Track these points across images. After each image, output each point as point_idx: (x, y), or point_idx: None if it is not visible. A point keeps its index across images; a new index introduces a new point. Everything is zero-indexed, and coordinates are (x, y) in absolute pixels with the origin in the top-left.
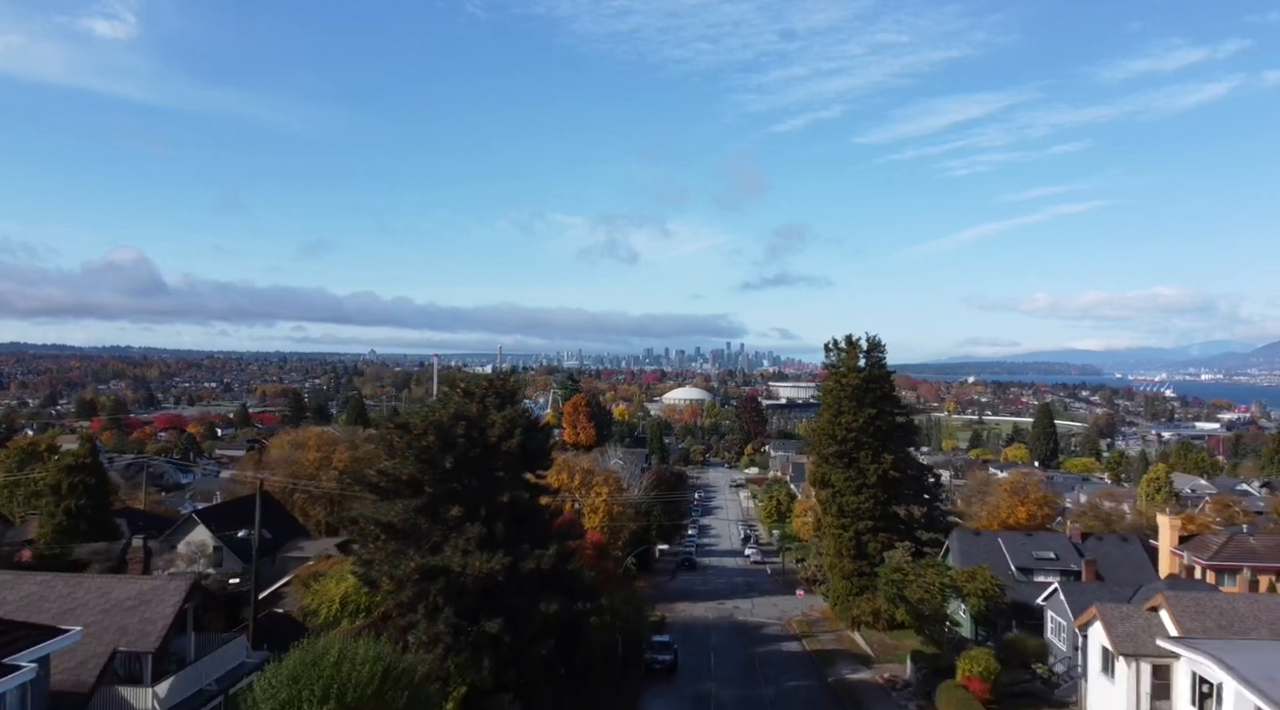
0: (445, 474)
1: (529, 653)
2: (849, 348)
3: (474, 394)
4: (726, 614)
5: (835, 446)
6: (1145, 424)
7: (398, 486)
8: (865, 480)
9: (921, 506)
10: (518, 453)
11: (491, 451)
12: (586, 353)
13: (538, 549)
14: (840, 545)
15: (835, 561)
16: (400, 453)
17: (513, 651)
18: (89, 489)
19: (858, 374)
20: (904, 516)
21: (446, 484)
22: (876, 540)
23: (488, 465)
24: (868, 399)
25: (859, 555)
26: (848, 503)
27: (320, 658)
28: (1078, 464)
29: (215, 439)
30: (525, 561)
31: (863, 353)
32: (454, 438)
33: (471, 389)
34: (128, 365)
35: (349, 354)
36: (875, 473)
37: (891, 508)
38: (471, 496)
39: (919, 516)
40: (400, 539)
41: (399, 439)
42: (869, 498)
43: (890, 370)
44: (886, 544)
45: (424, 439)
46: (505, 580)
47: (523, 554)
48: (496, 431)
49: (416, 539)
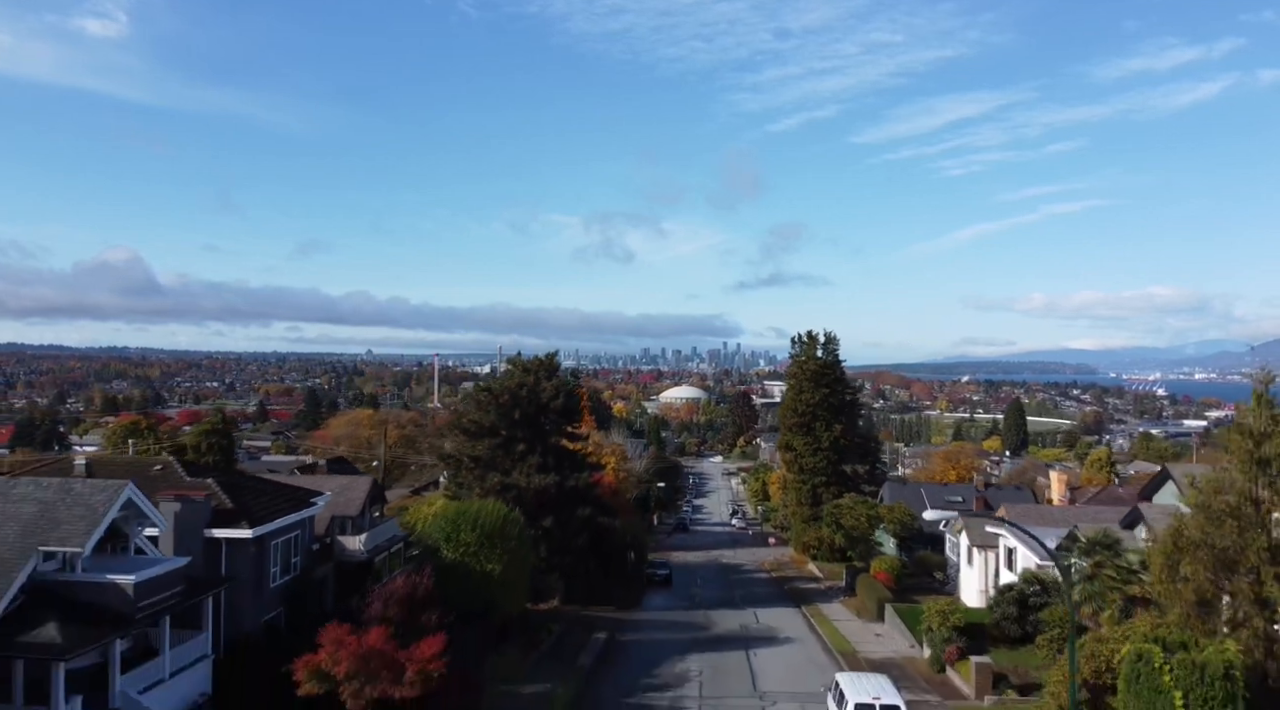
0: (514, 422)
1: (571, 545)
2: (809, 341)
3: (530, 370)
4: (712, 559)
5: (797, 418)
6: (1134, 422)
7: (482, 430)
8: (820, 444)
9: (865, 465)
10: (560, 410)
11: (543, 408)
12: (583, 353)
13: (575, 474)
14: (800, 496)
15: (796, 508)
16: (484, 408)
17: (560, 543)
18: (222, 448)
19: (816, 361)
20: (850, 473)
21: (515, 429)
22: (829, 491)
23: (541, 417)
24: (823, 381)
25: (814, 503)
26: (806, 462)
27: (467, 507)
28: (1048, 454)
29: (239, 432)
30: (568, 481)
31: (820, 345)
32: (520, 398)
33: (529, 366)
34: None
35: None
36: (828, 438)
37: (841, 466)
38: (531, 438)
39: (863, 473)
40: (484, 466)
41: (485, 398)
42: (823, 458)
43: (841, 360)
44: (836, 494)
45: (501, 398)
46: (555, 494)
47: (566, 477)
48: (547, 394)
49: (494, 465)
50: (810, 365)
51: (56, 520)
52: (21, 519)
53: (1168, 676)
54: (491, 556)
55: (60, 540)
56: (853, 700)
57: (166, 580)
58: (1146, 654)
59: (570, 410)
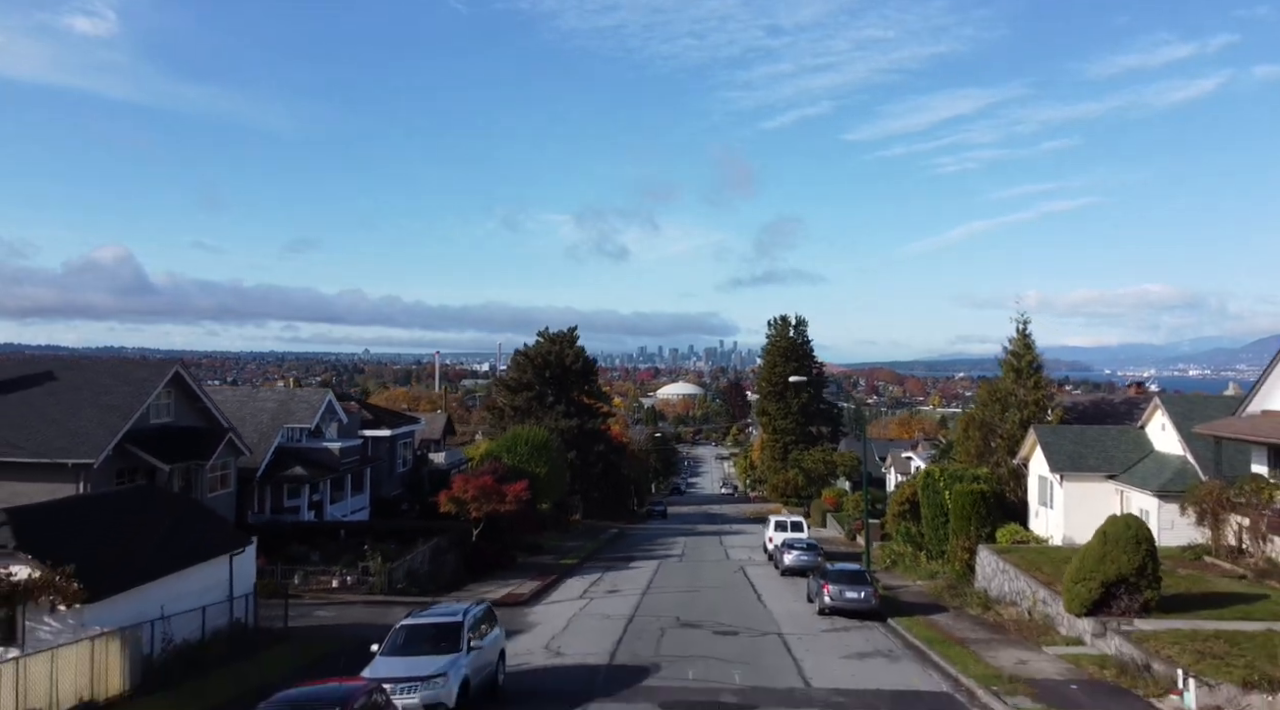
0: (545, 380)
1: (590, 473)
2: (783, 323)
3: (556, 340)
4: (702, 511)
5: (771, 388)
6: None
7: (520, 386)
8: (790, 409)
9: (828, 427)
10: (579, 372)
11: (567, 369)
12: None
13: (592, 419)
14: (773, 453)
15: (770, 463)
16: (522, 368)
17: (581, 471)
18: None
19: (787, 340)
20: (816, 433)
21: (545, 385)
22: (797, 449)
23: (565, 376)
24: (793, 356)
25: (784, 458)
26: (779, 424)
27: (520, 431)
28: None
29: None
30: (586, 425)
31: (792, 327)
32: (549, 361)
33: (554, 338)
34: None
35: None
36: (796, 404)
37: (808, 428)
38: (557, 392)
39: (826, 433)
40: (522, 414)
41: (523, 361)
42: (793, 421)
43: (809, 340)
44: (804, 450)
45: (535, 361)
46: (577, 434)
47: (585, 422)
48: (569, 359)
49: (530, 413)
50: (782, 343)
51: (291, 411)
52: (268, 411)
53: (942, 484)
54: (539, 463)
55: (297, 421)
56: (773, 520)
57: (350, 451)
58: (932, 472)
59: (587, 371)
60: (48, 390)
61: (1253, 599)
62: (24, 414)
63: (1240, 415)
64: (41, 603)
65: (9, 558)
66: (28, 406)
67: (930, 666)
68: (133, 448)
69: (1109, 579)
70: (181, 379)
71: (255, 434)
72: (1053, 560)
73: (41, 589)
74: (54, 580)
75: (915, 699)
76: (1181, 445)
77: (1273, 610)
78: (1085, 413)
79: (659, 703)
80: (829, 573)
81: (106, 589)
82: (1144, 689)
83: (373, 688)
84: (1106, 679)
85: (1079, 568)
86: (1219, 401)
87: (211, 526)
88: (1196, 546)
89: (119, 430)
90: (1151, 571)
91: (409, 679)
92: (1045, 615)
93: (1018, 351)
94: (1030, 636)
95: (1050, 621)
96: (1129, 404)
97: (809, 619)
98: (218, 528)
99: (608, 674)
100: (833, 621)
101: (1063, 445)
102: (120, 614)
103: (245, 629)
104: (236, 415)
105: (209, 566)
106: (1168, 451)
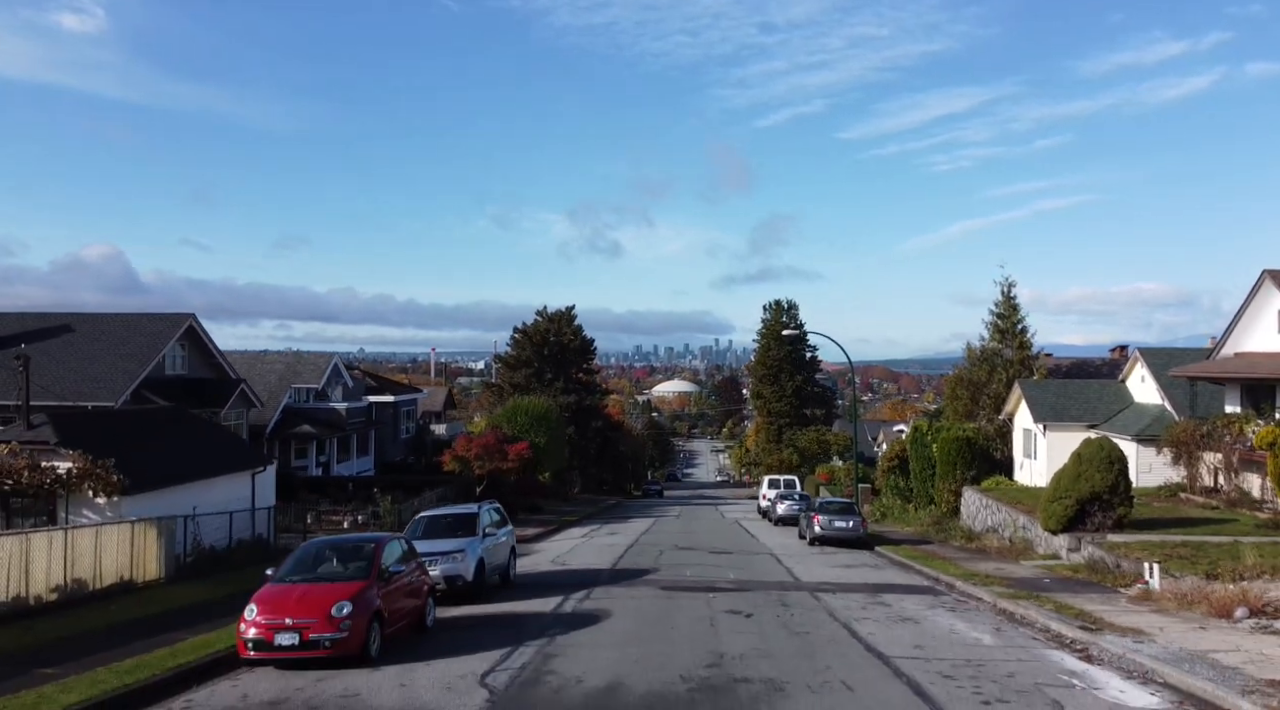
0: (544, 357)
1: (587, 449)
2: (776, 309)
3: (554, 319)
4: (698, 493)
5: (766, 370)
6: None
7: (520, 363)
8: (784, 392)
9: (822, 409)
10: (577, 349)
11: (565, 347)
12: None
13: (589, 396)
14: (769, 435)
15: (765, 445)
16: (521, 346)
17: (579, 446)
18: None
19: (781, 325)
20: (810, 415)
21: (544, 363)
22: (791, 430)
23: (563, 355)
24: (786, 341)
25: (779, 439)
26: (773, 407)
27: (522, 402)
28: None
29: None
30: (584, 401)
31: (785, 312)
32: (549, 339)
33: (553, 317)
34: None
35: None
36: (791, 387)
37: (802, 410)
38: (555, 369)
39: (820, 415)
40: (521, 390)
41: (522, 339)
42: (787, 403)
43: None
44: (798, 432)
45: (535, 338)
46: (575, 410)
47: (582, 398)
48: (567, 337)
49: (529, 389)
50: (776, 328)
51: (298, 372)
52: (276, 372)
53: (930, 437)
54: (539, 433)
55: (304, 382)
56: (767, 479)
57: (356, 412)
58: (920, 427)
59: (584, 349)
60: (65, 342)
61: (1222, 522)
62: (43, 363)
63: (1214, 359)
64: (83, 491)
65: (51, 453)
66: (47, 356)
67: (914, 573)
68: (150, 394)
69: (1083, 496)
70: (195, 332)
71: (265, 393)
72: (1034, 496)
73: (83, 477)
74: (94, 471)
75: (897, 587)
76: (1160, 395)
77: (1240, 530)
78: (1069, 372)
79: (660, 586)
80: (818, 505)
81: (143, 483)
82: (1112, 581)
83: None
84: (1079, 577)
85: (1055, 488)
86: (1196, 352)
87: (235, 447)
88: (1172, 485)
89: (137, 376)
90: (1124, 489)
91: (430, 553)
92: (1025, 539)
93: (1003, 313)
94: (1010, 557)
95: (1030, 544)
96: (1111, 365)
97: (800, 547)
98: (240, 448)
99: (611, 574)
100: (822, 548)
101: (1046, 398)
102: (155, 509)
103: (266, 543)
104: (245, 375)
105: (234, 479)
106: (1147, 401)
